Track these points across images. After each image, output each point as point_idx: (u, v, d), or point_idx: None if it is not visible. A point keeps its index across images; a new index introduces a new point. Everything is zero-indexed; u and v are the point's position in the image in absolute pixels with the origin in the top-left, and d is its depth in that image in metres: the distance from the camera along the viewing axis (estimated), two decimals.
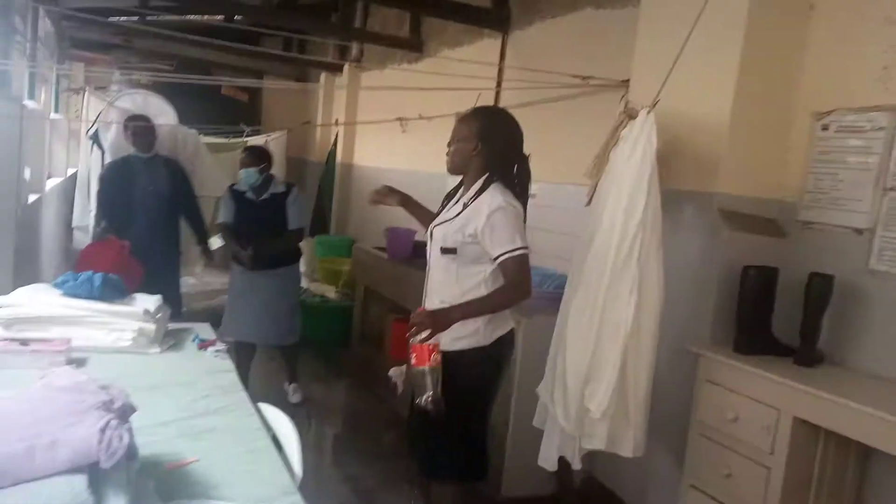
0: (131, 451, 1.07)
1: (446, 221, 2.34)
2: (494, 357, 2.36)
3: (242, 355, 4.01)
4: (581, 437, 2.59)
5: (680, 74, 2.67)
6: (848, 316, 2.49)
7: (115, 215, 3.84)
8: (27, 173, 4.12)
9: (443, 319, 2.15)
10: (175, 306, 3.49)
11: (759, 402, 2.35)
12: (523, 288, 2.22)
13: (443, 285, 2.33)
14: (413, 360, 2.13)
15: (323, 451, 3.92)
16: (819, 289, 2.44)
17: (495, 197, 2.23)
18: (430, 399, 2.11)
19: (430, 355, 2.10)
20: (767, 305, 2.59)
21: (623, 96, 3.38)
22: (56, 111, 6.66)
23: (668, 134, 2.73)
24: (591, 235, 2.65)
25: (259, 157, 3.93)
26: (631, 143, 2.55)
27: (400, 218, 5.90)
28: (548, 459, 2.72)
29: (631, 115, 2.71)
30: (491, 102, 4.94)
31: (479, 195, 2.27)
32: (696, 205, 2.79)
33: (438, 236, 2.35)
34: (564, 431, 2.60)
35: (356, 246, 5.62)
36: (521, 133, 2.42)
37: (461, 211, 2.30)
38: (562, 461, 2.79)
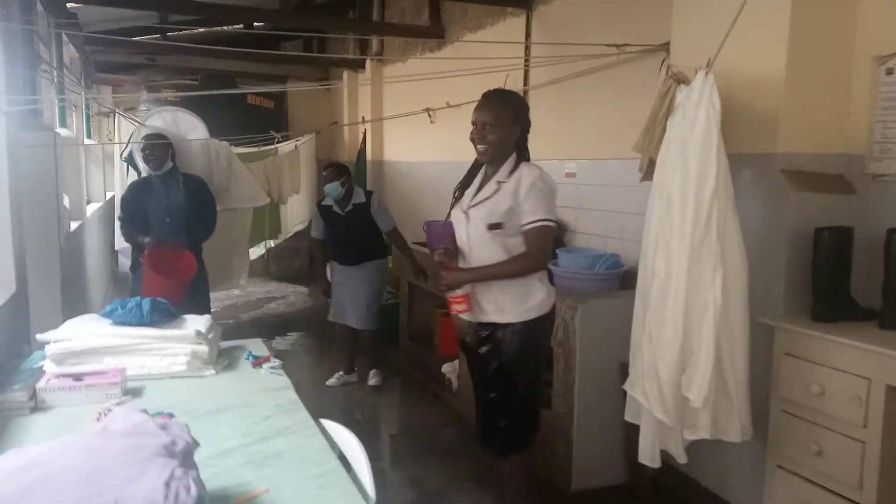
0: (202, 498, 1.00)
1: (485, 200, 2.39)
2: (552, 321, 2.56)
3: (343, 337, 4.77)
4: (683, 429, 2.43)
5: (726, 29, 2.50)
6: None
7: (137, 233, 3.82)
8: (66, 201, 4.15)
9: (454, 277, 2.40)
10: None
11: (847, 373, 2.19)
12: (539, 258, 2.38)
13: (491, 258, 2.39)
14: (452, 310, 2.48)
15: (381, 454, 3.86)
16: None
17: (533, 171, 2.38)
18: (483, 351, 2.44)
19: (453, 305, 2.43)
20: (844, 268, 2.41)
21: (664, 61, 3.21)
22: (88, 136, 6.73)
23: (721, 95, 2.56)
24: (658, 213, 2.48)
25: (339, 171, 4.44)
26: (692, 108, 2.37)
27: (437, 211, 5.83)
28: (649, 455, 2.55)
29: (680, 79, 2.55)
30: (520, 82, 4.80)
31: (513, 172, 2.38)
32: (757, 167, 2.62)
33: (480, 215, 2.40)
34: (663, 424, 2.44)
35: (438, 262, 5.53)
36: None
37: (497, 189, 2.38)
38: (630, 450, 2.66)
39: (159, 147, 3.81)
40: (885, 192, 2.51)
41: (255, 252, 6.82)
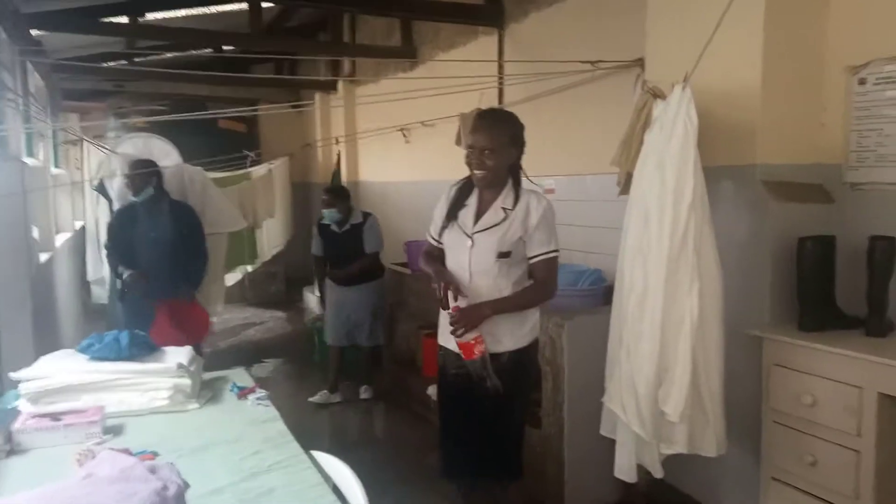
0: None
1: (494, 227, 2.31)
2: (538, 342, 2.50)
3: (334, 356, 4.78)
4: (660, 443, 2.42)
5: (702, 43, 2.53)
6: None
7: (124, 262, 3.74)
8: (35, 232, 4.03)
9: (476, 316, 2.22)
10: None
11: (838, 382, 2.19)
12: (550, 288, 2.37)
13: (494, 289, 2.31)
14: (463, 356, 2.25)
15: (366, 478, 3.77)
16: (883, 252, 2.29)
17: (541, 201, 2.35)
18: (489, 384, 2.25)
19: (473, 349, 2.21)
20: (829, 277, 2.43)
21: (639, 76, 3.23)
22: (56, 165, 6.58)
23: (697, 109, 2.58)
24: (636, 226, 2.48)
25: (335, 198, 4.62)
26: (669, 122, 2.38)
27: (415, 231, 5.79)
28: (625, 470, 2.53)
29: (656, 93, 2.57)
30: (495, 100, 4.82)
31: (518, 200, 2.33)
32: (737, 179, 2.63)
33: (490, 242, 2.30)
34: (640, 438, 2.42)
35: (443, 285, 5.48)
36: None
37: (505, 217, 2.31)
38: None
39: (139, 174, 3.73)
40: (863, 201, 2.55)
41: (232, 278, 6.71)
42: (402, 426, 4.47)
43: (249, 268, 7.11)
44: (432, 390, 4.25)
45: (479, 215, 2.35)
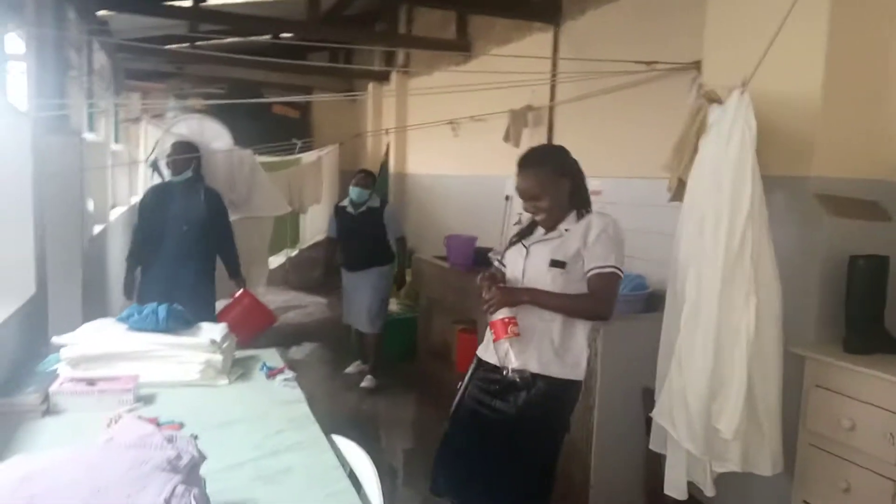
0: None
1: (549, 239, 2.21)
2: (579, 391, 2.27)
3: (355, 333, 5.04)
4: (712, 461, 2.33)
5: (760, 48, 2.45)
6: None
7: (147, 238, 3.83)
8: (90, 205, 4.17)
9: (510, 296, 2.11)
10: None
11: (879, 408, 2.10)
12: (605, 305, 2.12)
13: None
14: (493, 336, 2.10)
15: (394, 469, 3.81)
16: None
17: (604, 218, 2.20)
18: (514, 370, 2.06)
19: (506, 328, 2.06)
20: (879, 298, 2.33)
21: (694, 79, 3.15)
22: (117, 141, 6.81)
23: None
24: (689, 234, 2.40)
25: (370, 177, 4.85)
26: (726, 128, 2.31)
27: (459, 225, 5.80)
28: (676, 486, 2.44)
29: (712, 98, 2.50)
30: (546, 97, 4.77)
31: (581, 219, 2.20)
32: (789, 191, 2.54)
33: (544, 250, 2.20)
34: (691, 455, 2.33)
35: (416, 256, 5.51)
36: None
37: (563, 233, 2.19)
38: (650, 479, 2.57)
39: (180, 155, 3.81)
40: None
41: (275, 261, 6.83)
42: (432, 419, 4.48)
43: (292, 252, 7.23)
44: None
45: (543, 236, 2.26)
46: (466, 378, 2.35)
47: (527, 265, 2.21)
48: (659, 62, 3.47)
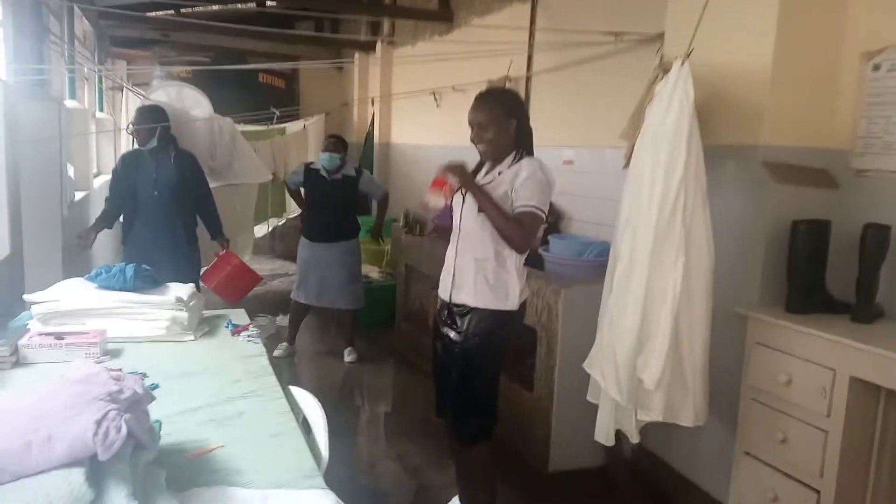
0: (140, 442, 1.06)
1: (484, 185, 2.39)
2: (518, 321, 2.50)
3: (296, 315, 4.81)
4: (637, 410, 2.49)
5: (716, 21, 2.52)
6: None
7: (123, 205, 3.85)
8: (71, 171, 4.24)
9: (464, 173, 2.33)
10: None
11: (813, 363, 2.22)
12: (522, 234, 2.30)
13: (477, 243, 2.41)
14: (430, 186, 2.34)
15: (376, 430, 3.96)
16: (875, 240, 2.28)
17: (533, 162, 2.37)
18: (454, 304, 2.41)
19: (441, 186, 2.29)
20: (820, 261, 2.44)
21: (658, 50, 3.22)
22: (101, 109, 6.83)
23: (706, 86, 2.58)
24: (630, 198, 2.52)
25: (340, 144, 4.63)
26: (666, 97, 2.41)
27: None
28: (605, 434, 2.62)
29: (665, 68, 2.57)
30: (523, 68, 4.82)
31: (514, 164, 2.38)
32: (740, 159, 2.63)
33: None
34: (619, 404, 2.49)
35: (394, 224, 5.60)
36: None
37: (495, 178, 2.39)
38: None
39: (145, 123, 3.79)
40: (866, 188, 2.53)
41: (260, 230, 6.91)
42: (411, 384, 4.62)
43: (279, 221, 7.30)
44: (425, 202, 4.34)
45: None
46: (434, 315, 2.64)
47: (463, 211, 2.44)
48: (627, 33, 3.53)
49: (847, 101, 2.59)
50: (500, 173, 2.40)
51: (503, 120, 2.38)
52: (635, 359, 2.40)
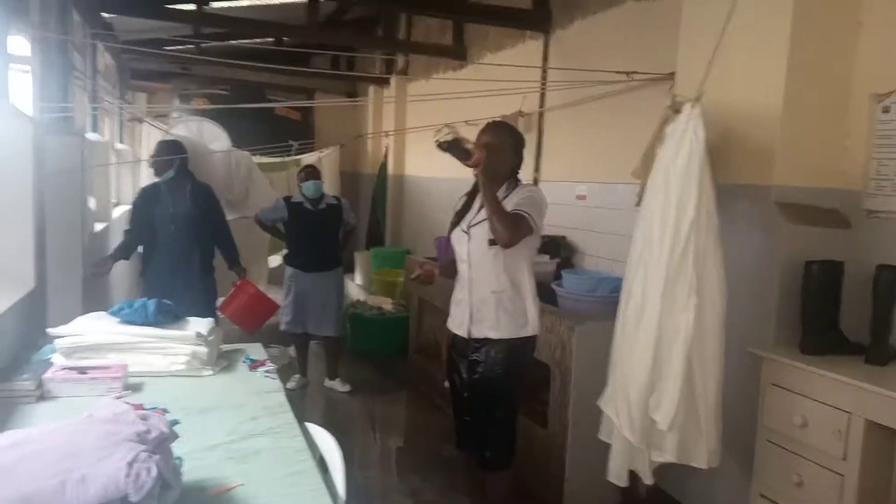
0: (167, 482, 1.09)
1: (483, 221, 2.51)
2: (534, 344, 2.68)
3: (301, 346, 4.86)
4: (650, 450, 2.48)
5: (727, 63, 2.57)
6: None
7: (141, 238, 3.95)
8: (92, 203, 4.32)
9: (489, 163, 2.45)
10: None
11: (829, 406, 2.21)
12: (513, 231, 2.41)
13: (492, 276, 2.53)
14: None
15: (388, 464, 3.95)
16: (888, 282, 2.30)
17: (530, 187, 2.65)
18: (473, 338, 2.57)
19: (478, 147, 2.47)
20: (834, 302, 2.44)
21: (670, 89, 3.27)
22: (121, 141, 6.96)
23: (717, 126, 2.62)
24: (642, 238, 2.55)
25: (318, 172, 4.72)
26: (677, 138, 2.45)
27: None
28: (617, 474, 2.60)
29: (676, 108, 2.62)
30: (535, 104, 4.89)
31: (510, 192, 2.55)
32: (752, 199, 2.66)
33: (481, 233, 2.53)
34: (632, 444, 2.49)
35: (408, 257, 5.65)
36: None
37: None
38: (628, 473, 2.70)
39: (163, 156, 3.90)
40: (878, 228, 2.54)
41: (274, 260, 6.96)
42: (423, 417, 4.61)
43: None
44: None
45: (478, 212, 2.56)
46: (446, 350, 2.78)
47: (470, 248, 2.56)
48: (638, 72, 3.59)
49: (858, 142, 2.62)
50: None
51: (508, 150, 2.59)
52: (648, 398, 2.41)
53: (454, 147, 2.44)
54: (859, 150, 2.62)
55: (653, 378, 2.40)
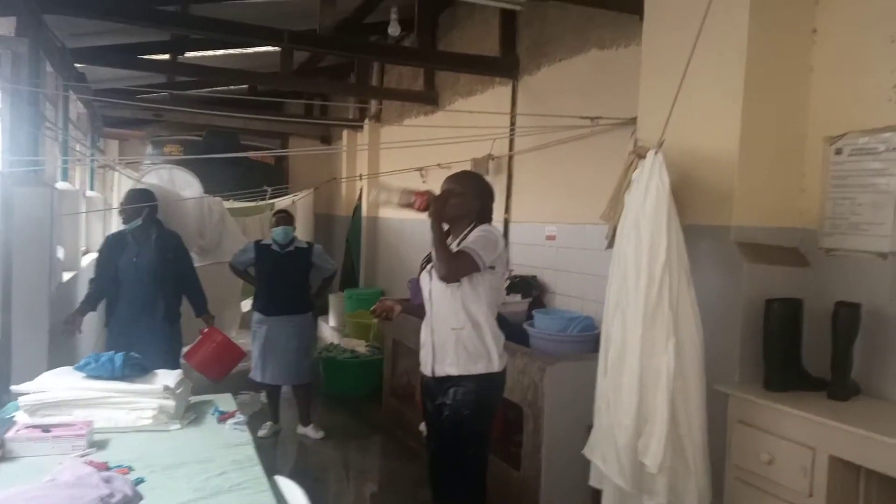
0: None
1: None
2: (502, 382, 2.70)
3: (272, 393, 4.78)
4: (642, 495, 2.46)
5: (685, 108, 2.66)
6: (880, 345, 2.40)
7: (106, 287, 3.91)
8: (61, 252, 4.28)
9: (439, 204, 2.58)
10: None
11: (793, 442, 2.25)
12: (453, 268, 2.52)
13: (451, 313, 2.61)
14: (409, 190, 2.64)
15: None
16: (846, 318, 2.36)
17: (484, 226, 2.68)
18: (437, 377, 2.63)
19: (420, 196, 2.57)
20: (794, 339, 2.50)
21: (632, 134, 3.37)
22: (91, 188, 6.93)
23: (678, 169, 2.69)
24: (616, 282, 2.58)
25: (292, 217, 4.73)
26: (643, 184, 2.51)
27: None
28: None
29: (640, 154, 2.69)
30: (505, 148, 4.99)
31: (470, 231, 2.65)
32: (713, 239, 2.73)
33: None
34: (623, 489, 2.47)
35: (381, 299, 5.64)
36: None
37: (454, 245, 2.63)
38: None
39: (132, 204, 3.90)
40: (836, 266, 2.61)
41: (247, 304, 6.91)
42: (397, 460, 4.56)
43: None
44: (423, 426, 4.35)
45: None
46: (419, 393, 2.83)
47: (432, 287, 2.66)
48: (603, 118, 3.70)
49: (814, 183, 2.71)
50: (458, 244, 2.64)
51: (471, 197, 2.70)
52: (636, 442, 2.41)
53: (392, 201, 2.60)
54: (815, 191, 2.70)
55: (639, 422, 2.40)
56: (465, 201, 2.66)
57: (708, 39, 2.50)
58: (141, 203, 3.86)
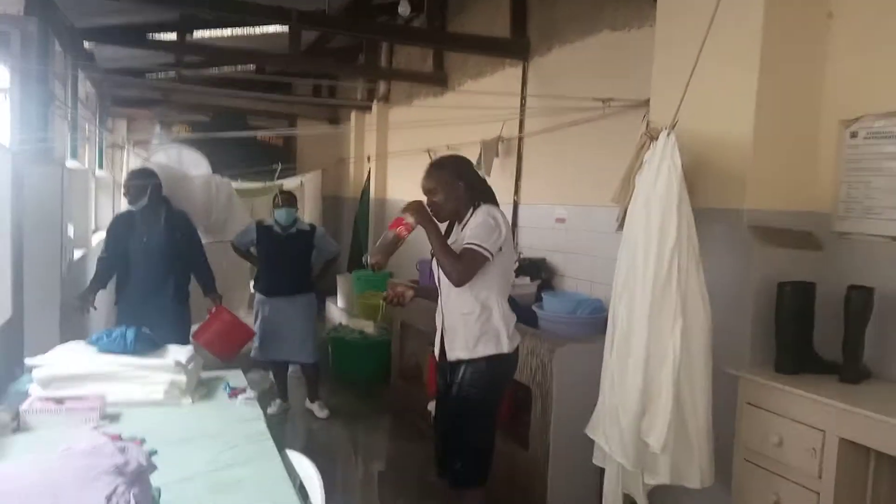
0: None
1: (454, 243, 2.59)
2: (513, 363, 2.69)
3: (279, 371, 4.81)
4: (644, 473, 2.48)
5: (699, 91, 2.63)
6: (892, 328, 2.38)
7: (115, 265, 3.90)
8: (70, 231, 4.30)
9: (420, 209, 2.53)
10: None
11: (803, 424, 2.25)
12: (460, 267, 2.48)
13: (460, 299, 2.58)
14: (389, 226, 2.53)
15: (369, 492, 3.92)
16: (858, 302, 2.34)
17: (485, 209, 2.60)
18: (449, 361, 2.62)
19: (399, 225, 2.47)
20: (807, 322, 2.49)
21: (644, 116, 3.35)
22: (101, 167, 6.94)
23: (691, 152, 2.68)
24: (625, 263, 2.58)
25: (294, 198, 4.67)
26: (655, 166, 2.49)
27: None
28: (612, 499, 2.60)
29: (652, 135, 2.67)
30: (515, 130, 4.97)
31: (472, 216, 2.61)
32: (726, 222, 2.71)
33: None
34: (625, 468, 2.49)
35: (389, 280, 5.65)
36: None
37: (460, 233, 2.62)
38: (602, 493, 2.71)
39: (135, 184, 3.88)
40: (849, 250, 2.60)
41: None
42: (405, 441, 4.59)
43: None
44: (432, 405, 4.37)
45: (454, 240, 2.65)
46: (428, 373, 2.82)
47: (439, 273, 2.64)
48: (614, 99, 3.67)
49: (828, 167, 2.69)
50: (462, 229, 2.62)
51: (450, 183, 2.62)
52: (640, 422, 2.42)
53: (387, 246, 2.51)
54: (829, 174, 2.68)
55: (644, 402, 2.41)
56: (446, 193, 2.61)
57: (723, 21, 2.47)
58: (144, 181, 3.84)
